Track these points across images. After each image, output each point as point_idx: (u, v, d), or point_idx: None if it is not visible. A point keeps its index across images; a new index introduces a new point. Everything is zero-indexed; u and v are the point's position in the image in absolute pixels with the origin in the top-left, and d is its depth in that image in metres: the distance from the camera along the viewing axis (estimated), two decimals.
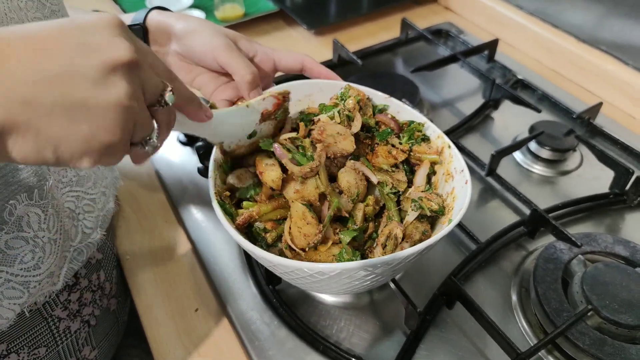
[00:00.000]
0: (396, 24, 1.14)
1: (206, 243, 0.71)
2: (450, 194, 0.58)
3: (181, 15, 0.64)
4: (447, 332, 0.60)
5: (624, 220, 0.75)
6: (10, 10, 0.48)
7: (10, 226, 0.50)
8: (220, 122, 0.54)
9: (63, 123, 0.33)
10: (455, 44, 1.13)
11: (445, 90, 1.02)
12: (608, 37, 0.98)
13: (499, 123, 0.93)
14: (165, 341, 0.62)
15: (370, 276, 0.48)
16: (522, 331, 0.61)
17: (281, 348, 0.59)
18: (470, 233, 0.70)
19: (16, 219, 0.50)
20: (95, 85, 0.33)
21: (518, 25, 1.11)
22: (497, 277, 0.67)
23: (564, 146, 0.82)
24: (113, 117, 0.34)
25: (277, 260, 0.47)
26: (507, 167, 0.82)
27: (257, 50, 0.63)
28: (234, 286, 0.65)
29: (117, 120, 0.34)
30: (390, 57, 1.11)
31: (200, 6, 1.23)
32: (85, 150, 0.34)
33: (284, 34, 1.19)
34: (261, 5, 1.23)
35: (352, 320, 0.62)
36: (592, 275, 0.60)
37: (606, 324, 0.57)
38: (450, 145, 0.60)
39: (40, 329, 0.58)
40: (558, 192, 0.79)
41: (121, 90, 0.34)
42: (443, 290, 0.62)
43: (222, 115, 0.54)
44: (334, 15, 1.25)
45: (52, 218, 0.54)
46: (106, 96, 0.34)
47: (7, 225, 0.50)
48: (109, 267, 0.69)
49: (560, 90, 0.99)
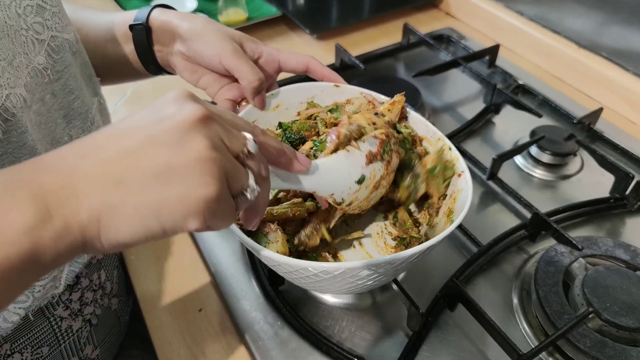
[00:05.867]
0: (398, 29, 1.15)
1: (210, 243, 0.71)
2: (451, 195, 0.59)
3: (185, 15, 0.64)
4: (448, 333, 0.61)
5: (624, 224, 0.75)
6: (10, 18, 0.47)
7: None
8: (320, 171, 0.50)
9: (156, 189, 0.33)
10: (456, 49, 1.14)
11: (447, 95, 1.02)
12: (608, 43, 0.98)
13: (500, 127, 0.93)
14: (169, 341, 0.62)
15: (374, 275, 0.48)
16: (523, 333, 0.61)
17: (284, 348, 0.59)
18: (472, 236, 0.70)
19: None
20: (175, 147, 0.34)
21: (519, 31, 1.12)
22: (499, 280, 0.67)
23: (564, 151, 0.83)
24: (200, 170, 0.34)
25: (282, 259, 0.47)
26: (508, 171, 0.83)
27: (262, 52, 0.63)
28: (238, 286, 0.66)
29: (205, 172, 0.34)
30: (392, 62, 1.12)
31: (204, 10, 1.24)
32: (186, 210, 0.34)
33: (286, 38, 1.20)
34: (264, 10, 1.24)
35: (355, 321, 0.62)
36: (593, 278, 0.61)
37: (607, 326, 0.58)
38: (451, 148, 0.61)
39: (43, 329, 0.58)
40: (559, 196, 0.80)
41: (199, 143, 0.34)
42: (445, 292, 0.63)
43: (320, 163, 0.50)
44: (336, 20, 1.26)
45: None
46: (187, 153, 0.34)
47: None
48: (109, 267, 0.69)
49: (561, 96, 1.00)
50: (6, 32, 0.46)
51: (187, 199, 0.34)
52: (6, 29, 0.46)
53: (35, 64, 0.50)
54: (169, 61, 0.66)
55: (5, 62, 0.46)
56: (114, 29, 0.66)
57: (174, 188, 0.33)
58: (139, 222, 0.33)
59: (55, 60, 0.53)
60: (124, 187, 0.33)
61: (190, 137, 0.34)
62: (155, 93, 0.35)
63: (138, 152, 0.34)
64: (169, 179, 0.33)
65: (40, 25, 0.51)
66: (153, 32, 0.64)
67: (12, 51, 0.47)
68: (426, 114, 0.95)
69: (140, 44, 0.65)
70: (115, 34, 0.66)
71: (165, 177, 0.33)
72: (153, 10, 0.64)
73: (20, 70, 0.48)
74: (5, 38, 0.46)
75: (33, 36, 0.50)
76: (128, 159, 0.33)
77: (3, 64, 0.45)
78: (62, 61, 0.54)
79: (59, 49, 0.54)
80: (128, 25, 0.64)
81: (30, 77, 0.49)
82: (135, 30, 0.64)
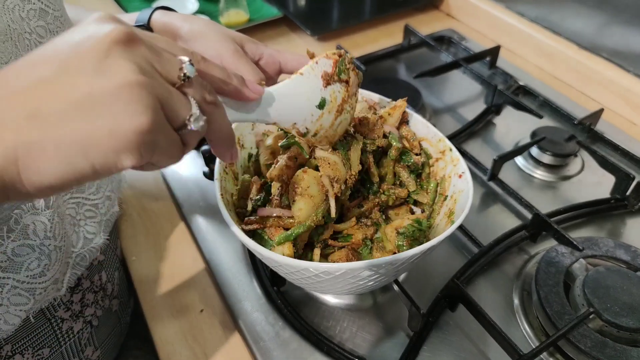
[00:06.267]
0: (399, 30, 1.15)
1: (211, 244, 0.72)
2: (452, 196, 0.59)
3: (187, 16, 0.64)
4: (449, 334, 0.61)
5: (625, 225, 0.75)
6: (13, 22, 0.47)
7: (17, 234, 0.50)
8: (276, 98, 0.47)
9: (78, 122, 0.30)
10: (457, 51, 1.14)
11: (448, 96, 1.03)
12: (609, 44, 0.98)
13: (501, 128, 0.93)
14: (170, 342, 0.62)
15: (375, 276, 0.48)
16: (524, 333, 0.61)
17: (286, 348, 0.59)
18: (473, 237, 0.70)
19: (22, 227, 0.50)
20: (95, 74, 0.30)
21: (520, 32, 1.12)
22: (500, 280, 0.67)
23: (565, 151, 0.83)
24: (127, 98, 0.30)
25: (283, 260, 0.47)
26: (509, 172, 0.83)
27: (263, 53, 0.63)
28: (239, 287, 0.66)
29: (133, 100, 0.30)
30: (393, 63, 1.12)
31: (205, 12, 1.25)
32: (117, 144, 0.30)
33: (287, 39, 1.21)
34: (265, 11, 1.24)
35: (356, 321, 0.62)
36: (594, 279, 0.61)
37: (607, 326, 0.58)
38: (452, 148, 0.61)
39: (44, 330, 0.59)
40: (559, 197, 0.80)
41: (123, 67, 0.31)
42: (446, 293, 0.63)
43: (275, 90, 0.47)
44: (337, 21, 1.26)
45: (57, 226, 0.54)
46: (110, 78, 0.30)
47: (14, 233, 0.50)
48: (110, 269, 0.69)
49: (562, 97, 1.00)
50: (9, 36, 0.47)
51: (115, 131, 0.30)
52: (9, 32, 0.47)
53: None
54: None
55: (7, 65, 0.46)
56: None
57: (99, 119, 0.30)
58: (63, 160, 0.30)
59: None
60: (39, 121, 0.29)
61: (113, 61, 0.31)
62: None
63: (53, 81, 0.30)
64: (92, 109, 0.30)
65: (43, 29, 0.51)
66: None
67: (14, 55, 0.47)
68: (427, 115, 0.96)
69: None
70: None
71: (87, 108, 0.30)
72: (154, 12, 0.65)
73: None
74: (9, 41, 0.47)
75: (36, 40, 0.50)
76: (42, 89, 0.30)
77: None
78: None
79: None
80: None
81: None
82: None
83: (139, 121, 0.30)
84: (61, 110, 0.30)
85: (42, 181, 0.30)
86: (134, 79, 0.31)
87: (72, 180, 0.31)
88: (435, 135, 0.63)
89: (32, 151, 0.30)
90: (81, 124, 0.30)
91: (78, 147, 0.30)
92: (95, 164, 0.31)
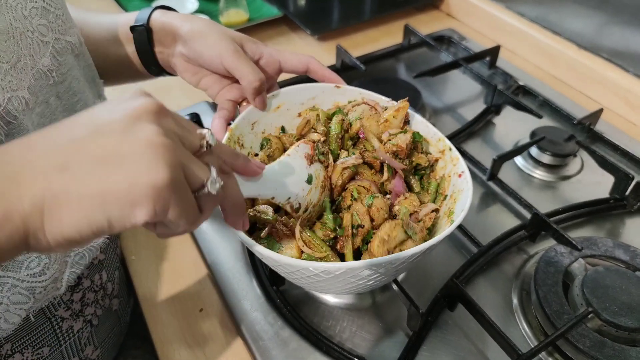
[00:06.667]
0: (399, 30, 1.15)
1: (211, 244, 0.72)
2: (451, 196, 0.59)
3: (187, 16, 0.64)
4: (448, 333, 0.61)
5: (624, 225, 0.75)
6: (15, 20, 0.47)
7: None
8: (273, 175, 0.52)
9: (101, 176, 0.31)
10: (457, 50, 1.14)
11: (447, 96, 1.03)
12: (609, 44, 0.99)
13: (501, 128, 0.94)
14: (170, 341, 0.62)
15: (374, 275, 0.49)
16: (523, 333, 0.61)
17: (285, 348, 0.59)
18: (472, 236, 0.70)
19: None
20: (124, 134, 0.32)
21: (519, 32, 1.12)
22: (499, 280, 0.67)
23: (564, 151, 0.83)
24: (150, 155, 0.32)
25: (283, 259, 0.47)
26: (508, 172, 0.83)
27: (263, 53, 0.63)
28: (238, 287, 0.66)
29: (155, 157, 0.32)
30: (393, 63, 1.12)
31: (204, 11, 1.25)
32: (134, 197, 0.32)
33: (287, 39, 1.21)
34: (265, 10, 1.24)
35: (355, 321, 0.62)
36: (593, 279, 0.61)
37: (606, 326, 0.58)
38: (452, 148, 0.61)
39: (44, 329, 0.59)
40: (559, 197, 0.80)
41: (150, 129, 0.33)
42: (445, 292, 0.63)
43: (270, 168, 0.52)
44: (337, 21, 1.26)
45: None
46: (136, 138, 0.32)
47: None
48: (111, 268, 0.69)
49: (561, 97, 1.00)
50: (12, 35, 0.47)
51: (134, 184, 0.32)
52: (12, 31, 0.47)
53: (40, 65, 0.50)
54: (170, 62, 0.66)
55: (9, 64, 0.46)
56: (116, 31, 0.67)
57: (121, 173, 0.32)
58: (83, 213, 0.31)
59: (60, 62, 0.53)
60: (67, 174, 0.31)
61: (141, 125, 0.33)
62: (156, 94, 0.34)
63: (85, 139, 0.32)
64: (116, 164, 0.32)
65: (45, 27, 0.51)
66: (154, 34, 0.64)
67: (16, 53, 0.47)
68: (427, 115, 0.96)
69: (141, 45, 0.65)
70: (117, 35, 0.67)
71: (112, 163, 0.32)
72: (154, 11, 0.65)
73: (25, 73, 0.48)
74: (11, 40, 0.47)
75: (38, 38, 0.51)
76: (74, 146, 0.32)
77: (6, 66, 0.45)
78: (65, 63, 0.54)
79: (62, 51, 0.54)
80: (129, 26, 0.64)
81: (34, 79, 0.50)
82: (136, 31, 0.64)
83: (158, 175, 0.32)
84: (88, 164, 0.32)
85: (62, 232, 0.32)
86: (159, 140, 0.33)
87: (88, 233, 0.32)
88: (435, 134, 0.63)
89: (58, 201, 0.31)
90: (104, 177, 0.32)
91: (99, 200, 0.32)
92: (111, 217, 0.32)
